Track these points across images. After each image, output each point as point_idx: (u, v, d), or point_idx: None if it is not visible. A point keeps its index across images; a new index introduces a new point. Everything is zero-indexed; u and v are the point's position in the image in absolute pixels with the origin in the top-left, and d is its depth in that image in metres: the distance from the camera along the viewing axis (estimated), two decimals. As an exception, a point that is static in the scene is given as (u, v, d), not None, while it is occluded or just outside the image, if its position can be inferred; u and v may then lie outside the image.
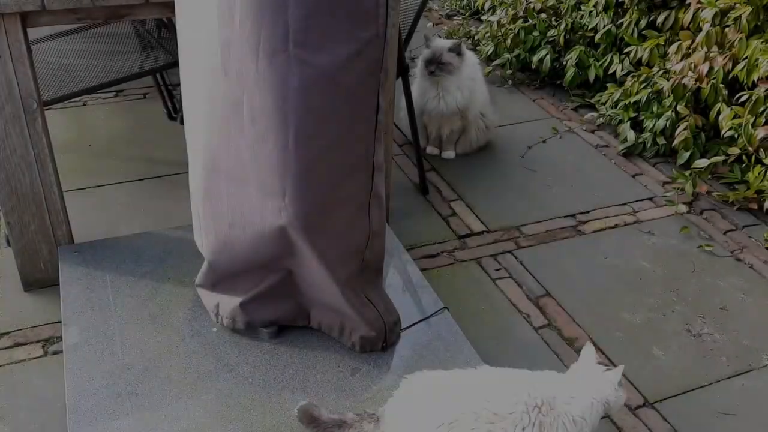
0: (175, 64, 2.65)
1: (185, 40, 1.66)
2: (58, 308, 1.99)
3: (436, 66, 2.78)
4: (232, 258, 1.76)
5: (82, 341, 1.83)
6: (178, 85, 1.77)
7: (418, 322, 1.94)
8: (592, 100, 3.39)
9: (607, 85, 3.31)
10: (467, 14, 4.38)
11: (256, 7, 1.47)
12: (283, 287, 1.80)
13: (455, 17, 4.42)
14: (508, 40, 3.64)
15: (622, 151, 3.07)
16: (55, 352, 1.99)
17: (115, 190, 2.68)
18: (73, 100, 3.09)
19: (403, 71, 2.61)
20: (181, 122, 3.07)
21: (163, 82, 3.13)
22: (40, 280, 2.20)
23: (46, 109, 2.10)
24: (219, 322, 1.88)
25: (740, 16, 2.65)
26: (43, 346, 2.02)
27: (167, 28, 2.90)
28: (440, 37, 3.90)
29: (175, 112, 3.16)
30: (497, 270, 2.39)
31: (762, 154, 2.63)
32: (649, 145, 3.02)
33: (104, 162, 2.85)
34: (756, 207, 2.70)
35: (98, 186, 2.71)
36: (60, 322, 1.97)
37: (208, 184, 1.70)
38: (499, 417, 1.35)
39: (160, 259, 2.12)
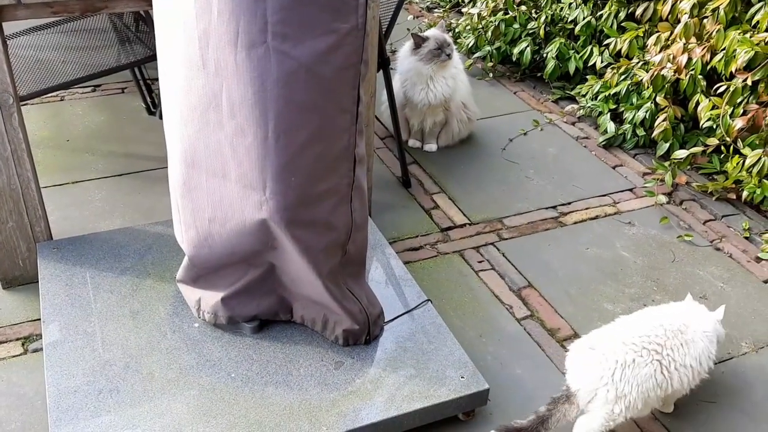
0: (154, 57, 2.63)
1: (163, 32, 1.64)
2: (38, 305, 1.98)
3: (449, 48, 2.80)
4: (213, 253, 1.75)
5: (62, 338, 1.82)
6: (157, 79, 1.75)
7: (402, 314, 1.94)
8: (573, 93, 3.41)
9: (587, 77, 3.32)
10: (447, 6, 4.38)
11: (234, -1, 1.46)
12: (265, 281, 1.79)
13: (435, 9, 4.41)
14: (489, 33, 3.65)
15: (603, 143, 3.08)
16: (35, 350, 1.97)
17: (93, 186, 2.66)
18: (50, 95, 3.06)
19: (384, 64, 2.60)
20: (160, 117, 3.05)
21: (141, 76, 3.11)
22: (18, 278, 2.18)
23: (23, 105, 2.08)
24: (201, 317, 1.87)
25: (718, 8, 2.67)
26: (22, 344, 2.00)
27: (145, 21, 2.87)
28: (421, 29, 3.91)
29: (154, 107, 3.13)
30: (480, 262, 2.39)
31: (740, 144, 2.66)
32: (629, 136, 3.05)
33: (82, 157, 2.82)
34: (734, 197, 2.73)
35: (76, 182, 2.68)
36: (40, 319, 1.95)
37: (188, 179, 1.69)
38: (662, 346, 1.70)
39: (141, 254, 2.11)
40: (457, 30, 3.90)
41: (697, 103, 2.77)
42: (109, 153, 2.86)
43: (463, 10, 3.97)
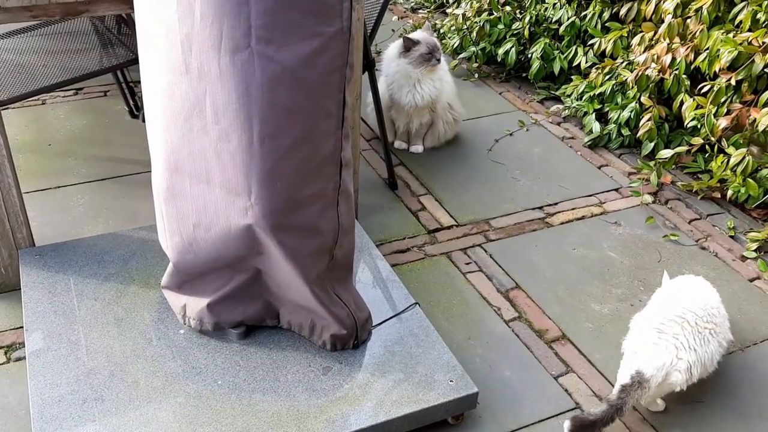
0: (136, 60, 2.60)
1: (144, 36, 1.62)
2: (20, 313, 1.95)
3: (439, 52, 2.80)
4: (198, 259, 1.73)
5: (45, 347, 1.79)
6: (140, 82, 1.73)
7: (390, 318, 1.93)
8: (558, 93, 3.41)
9: (572, 77, 3.33)
10: (432, 7, 4.37)
11: (216, 2, 1.44)
12: (251, 287, 1.78)
13: (420, 10, 4.41)
14: (474, 33, 3.64)
15: (588, 143, 3.09)
16: (18, 359, 1.95)
17: (76, 191, 2.63)
18: (31, 99, 3.02)
19: (369, 66, 2.59)
20: (143, 120, 3.02)
21: (123, 79, 3.07)
22: (0, 285, 2.14)
23: (3, 109, 2.05)
24: (186, 323, 1.85)
25: (701, 7, 2.68)
26: (5, 353, 1.97)
27: (127, 23, 2.84)
28: (407, 30, 3.90)
29: (137, 110, 3.10)
30: (467, 264, 2.39)
31: (724, 143, 2.67)
32: (614, 136, 3.05)
33: (65, 162, 2.79)
34: (719, 196, 2.74)
35: (59, 187, 2.65)
36: (22, 327, 1.92)
37: (171, 184, 1.67)
38: (715, 324, 1.86)
39: (125, 260, 2.08)
40: (441, 31, 3.90)
41: (682, 103, 2.78)
42: (91, 157, 2.83)
43: (448, 10, 3.97)
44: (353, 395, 1.71)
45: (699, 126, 2.75)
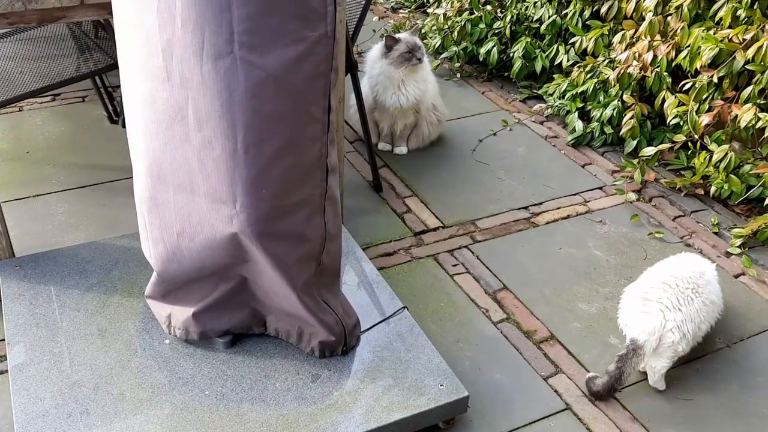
0: (115, 66, 2.57)
1: (124, 43, 1.59)
2: (1, 326, 1.91)
3: (420, 51, 2.78)
4: (183, 268, 1.70)
5: (28, 360, 1.76)
6: (119, 86, 1.70)
7: (378, 323, 1.91)
8: (540, 92, 3.41)
9: (554, 76, 3.33)
10: (413, 7, 4.36)
11: (197, 7, 1.42)
12: (237, 295, 1.76)
13: (400, 10, 4.39)
14: (455, 33, 3.64)
15: (571, 142, 3.09)
16: (0, 373, 1.91)
17: (56, 199, 2.58)
18: (7, 105, 2.96)
19: (352, 67, 2.57)
20: (123, 125, 2.98)
21: (102, 84, 3.03)
22: (-21, 297, 2.10)
23: (-21, 118, 2.00)
24: (171, 333, 1.82)
25: (682, 5, 2.69)
26: (-15, 367, 1.93)
27: (105, 28, 2.80)
28: (388, 31, 3.88)
29: (116, 115, 3.06)
30: (454, 266, 2.38)
31: (707, 140, 2.68)
32: (597, 134, 3.06)
33: (43, 170, 2.74)
34: (702, 192, 2.75)
35: (38, 195, 2.60)
36: (4, 340, 1.88)
37: (154, 193, 1.64)
38: (698, 285, 1.93)
39: (107, 269, 2.05)
40: (423, 30, 3.89)
41: (664, 100, 2.79)
42: (70, 164, 2.78)
43: (429, 10, 3.96)
44: (343, 402, 1.69)
45: (681, 123, 2.76)
